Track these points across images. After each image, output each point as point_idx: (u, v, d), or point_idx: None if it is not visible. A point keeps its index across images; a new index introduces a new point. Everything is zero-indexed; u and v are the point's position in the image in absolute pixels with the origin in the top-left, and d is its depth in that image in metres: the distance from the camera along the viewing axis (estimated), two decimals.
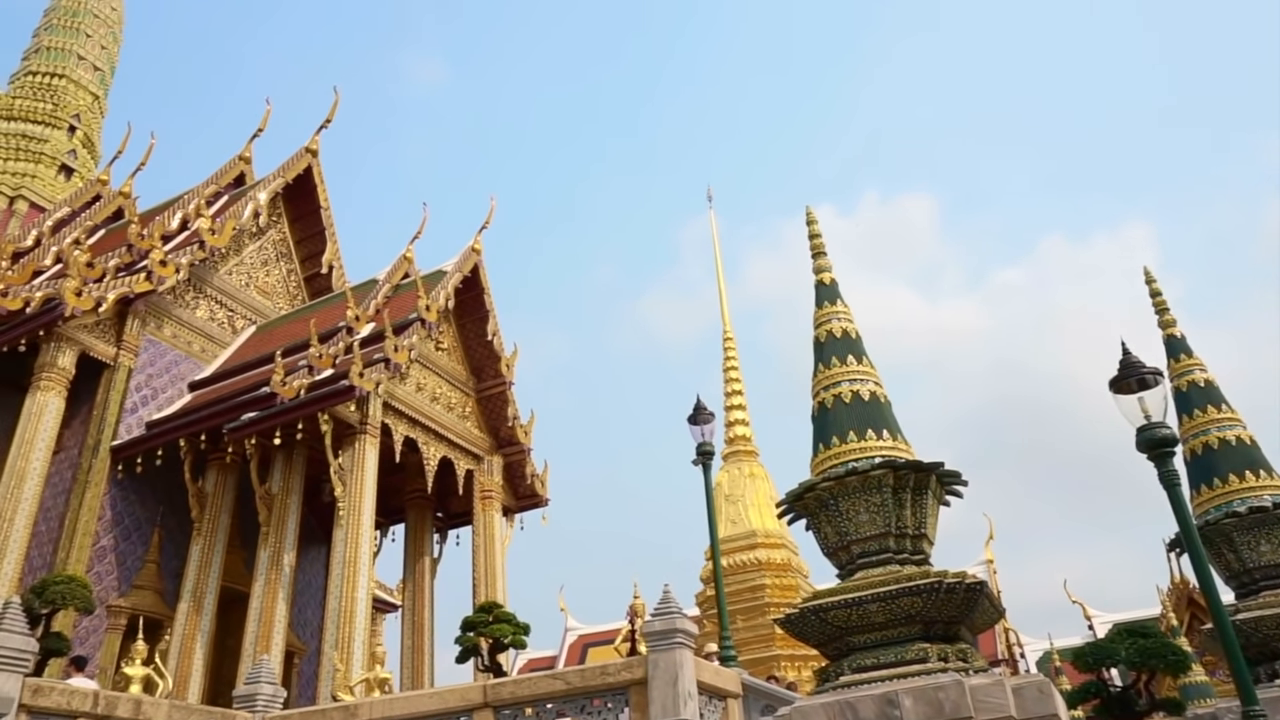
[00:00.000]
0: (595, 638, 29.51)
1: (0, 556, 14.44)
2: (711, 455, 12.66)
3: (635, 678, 9.39)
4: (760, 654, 18.43)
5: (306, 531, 16.91)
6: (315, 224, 22.71)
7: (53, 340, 16.49)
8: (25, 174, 27.30)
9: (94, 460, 16.20)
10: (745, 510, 20.75)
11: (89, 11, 32.81)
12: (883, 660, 8.19)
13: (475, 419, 19.33)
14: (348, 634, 14.07)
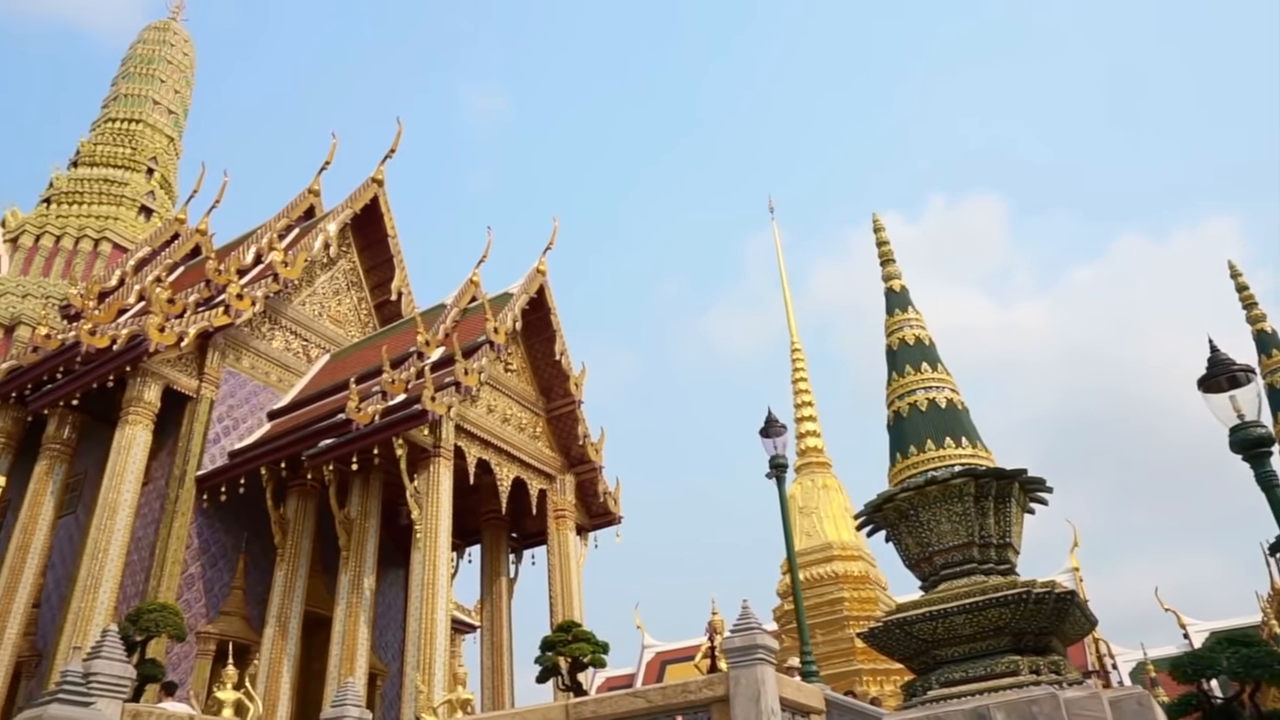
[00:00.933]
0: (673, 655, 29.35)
1: (96, 586, 14.93)
2: (785, 468, 12.55)
3: (717, 695, 9.30)
4: (841, 669, 18.15)
5: (385, 554, 17.16)
6: (383, 252, 23.15)
7: (139, 375, 17.05)
8: (108, 216, 28.37)
9: (180, 490, 16.67)
10: (820, 522, 20.51)
11: (163, 58, 34.06)
12: (972, 674, 7.98)
13: (546, 439, 19.44)
14: (429, 655, 14.20)
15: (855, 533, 20.37)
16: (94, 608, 14.79)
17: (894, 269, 10.92)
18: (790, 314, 24.43)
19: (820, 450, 22.18)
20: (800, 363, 23.64)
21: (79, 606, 14.87)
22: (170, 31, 35.18)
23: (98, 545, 15.37)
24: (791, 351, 23.84)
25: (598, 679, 28.96)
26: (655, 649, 30.53)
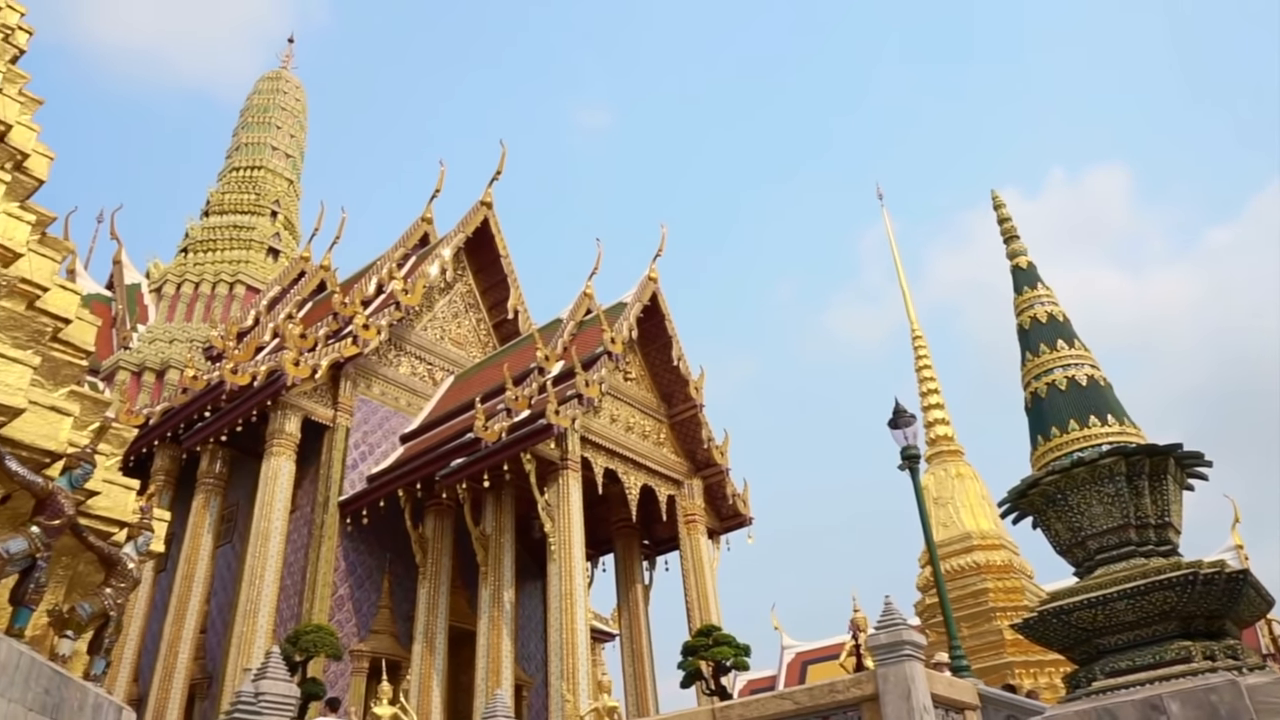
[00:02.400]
0: (813, 655, 28.93)
1: (256, 611, 15.71)
2: (918, 459, 12.24)
3: (865, 694, 9.12)
4: (991, 662, 17.54)
5: (522, 567, 17.51)
6: (497, 272, 23.67)
7: (279, 409, 17.88)
8: (239, 260, 29.89)
9: (325, 516, 17.40)
10: (957, 512, 19.89)
11: (277, 106, 35.70)
12: (1139, 662, 7.59)
13: (670, 444, 19.49)
14: (572, 665, 14.40)
15: (995, 521, 19.71)
16: (255, 631, 15.55)
17: (1018, 245, 10.52)
18: (909, 302, 23.83)
19: (951, 438, 21.54)
20: (923, 351, 23.02)
21: (241, 631, 15.66)
22: (282, 80, 36.86)
23: (254, 572, 16.17)
24: (913, 340, 23.24)
25: (739, 682, 28.83)
26: (795, 649, 30.14)
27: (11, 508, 5.89)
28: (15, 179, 7.61)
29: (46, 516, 5.61)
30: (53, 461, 5.97)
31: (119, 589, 6.41)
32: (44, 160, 8.71)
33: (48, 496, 5.63)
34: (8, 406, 5.38)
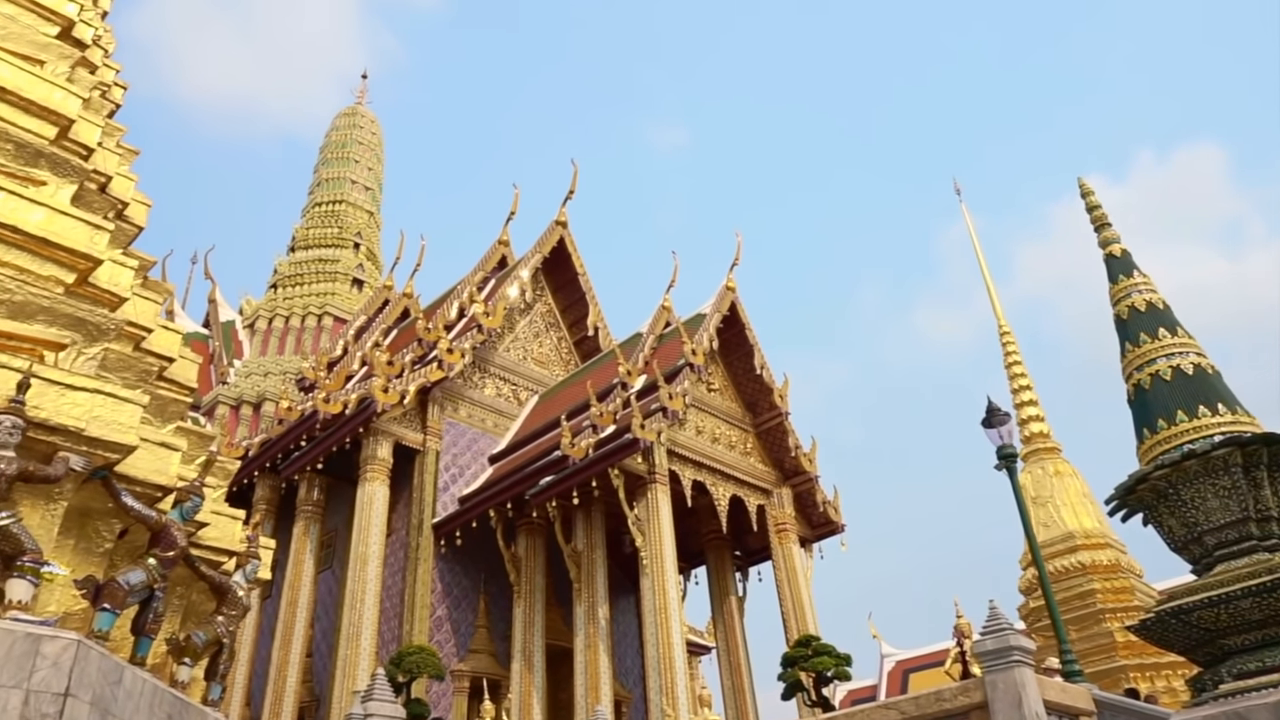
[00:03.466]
0: (914, 663, 28.33)
1: (359, 634, 16.04)
2: (1015, 458, 11.87)
3: (974, 702, 8.86)
4: (1102, 666, 16.91)
5: (615, 583, 17.53)
6: (575, 291, 23.84)
7: (371, 435, 18.28)
8: (326, 293, 30.75)
9: (420, 539, 17.69)
10: (1057, 511, 19.27)
11: (354, 141, 36.69)
12: (1270, 663, 7.23)
13: (757, 454, 19.33)
14: (670, 680, 14.33)
15: (1100, 519, 19.02)
16: (359, 654, 15.87)
17: (1111, 233, 10.19)
18: (994, 299, 23.28)
19: (1047, 435, 20.91)
20: (1012, 346, 22.44)
21: (345, 654, 16.00)
22: (358, 115, 37.88)
23: (355, 596, 16.52)
24: (1001, 336, 22.68)
25: (839, 693, 28.36)
26: (895, 658, 29.57)
27: (129, 541, 6.11)
28: (118, 227, 7.94)
29: (161, 549, 5.80)
30: (164, 496, 6.18)
31: (230, 616, 6.59)
32: (142, 208, 9.08)
33: (162, 529, 5.83)
34: (122, 444, 5.59)
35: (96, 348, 6.34)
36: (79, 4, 9.78)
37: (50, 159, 7.49)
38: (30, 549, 4.86)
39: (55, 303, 6.19)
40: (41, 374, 5.39)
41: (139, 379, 6.83)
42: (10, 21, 8.70)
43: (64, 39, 9.34)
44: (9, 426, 5.00)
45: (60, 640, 4.54)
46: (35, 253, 6.62)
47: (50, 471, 5.15)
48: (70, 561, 5.51)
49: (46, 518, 5.25)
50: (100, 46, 10.30)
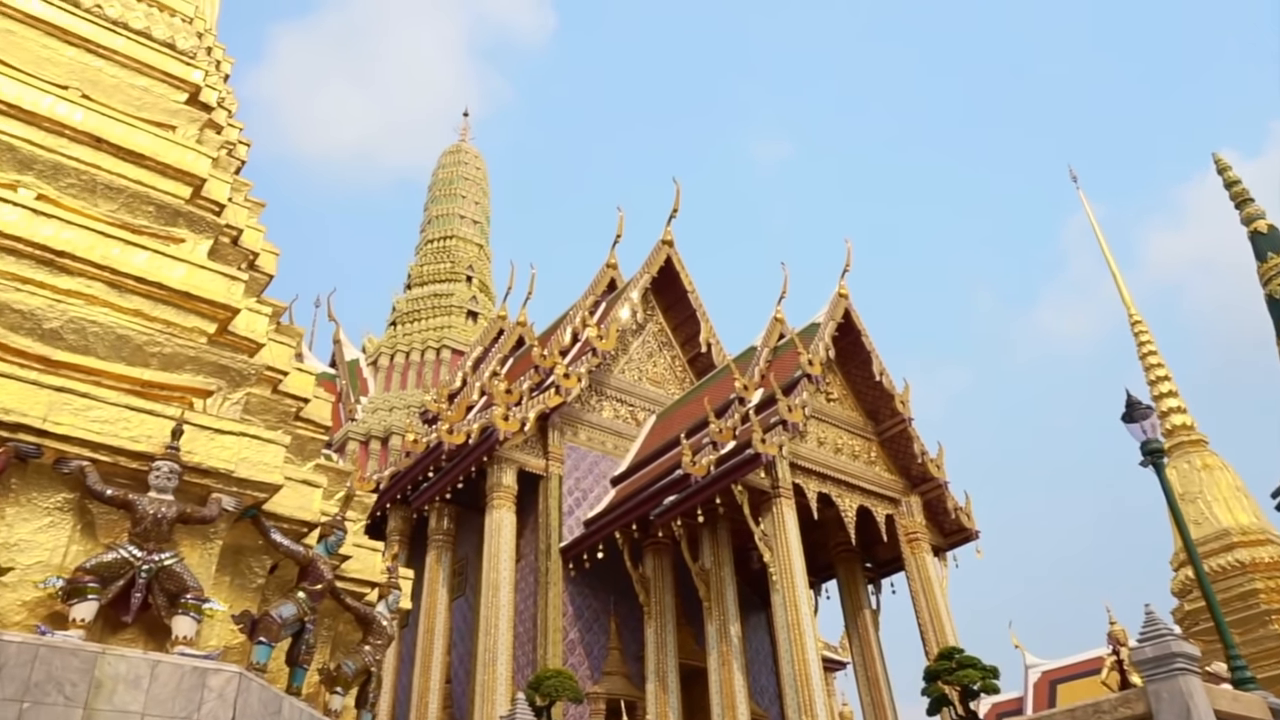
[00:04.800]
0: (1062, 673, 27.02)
1: (495, 659, 16.30)
2: (1162, 453, 11.26)
3: (1135, 713, 8.40)
4: (1273, 672, 15.82)
5: (744, 600, 17.34)
6: (686, 308, 23.86)
7: (495, 463, 18.63)
8: (443, 326, 31.63)
9: (548, 563, 17.90)
10: (1209, 507, 18.18)
11: (460, 177, 37.73)
12: None
13: (882, 462, 18.89)
14: (807, 697, 14.07)
15: (1256, 513, 17.86)
16: (496, 679, 16.12)
17: (1254, 209, 9.60)
18: (1122, 288, 22.22)
19: (1191, 427, 19.77)
20: (1145, 336, 21.35)
21: (483, 679, 16.28)
22: (462, 152, 38.97)
23: (489, 622, 16.80)
24: (1132, 326, 21.62)
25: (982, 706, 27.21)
26: (1040, 668, 28.28)
27: (279, 576, 6.35)
28: (251, 277, 8.31)
29: (310, 582, 6.00)
30: (309, 531, 6.40)
31: (377, 646, 6.77)
32: (271, 257, 9.49)
33: (309, 564, 6.03)
34: (268, 484, 5.81)
35: (240, 393, 6.63)
36: (204, 70, 10.34)
37: (187, 217, 7.91)
38: (192, 587, 5.09)
39: (200, 352, 6.50)
40: (192, 420, 5.66)
41: (279, 420, 7.11)
42: (144, 93, 9.26)
43: (192, 104, 9.89)
44: (167, 472, 5.26)
45: (224, 673, 4.73)
46: (179, 306, 6.99)
47: (206, 512, 5.39)
48: (227, 597, 5.74)
49: (204, 556, 5.49)
50: (224, 108, 10.86)
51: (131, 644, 5.03)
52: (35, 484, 5.16)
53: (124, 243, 6.95)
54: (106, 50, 9.45)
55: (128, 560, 4.99)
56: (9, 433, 5.05)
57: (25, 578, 4.92)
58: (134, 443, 5.41)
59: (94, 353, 6.11)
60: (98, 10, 9.96)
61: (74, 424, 5.26)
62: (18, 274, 6.32)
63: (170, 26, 10.78)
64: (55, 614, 4.86)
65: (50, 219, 6.70)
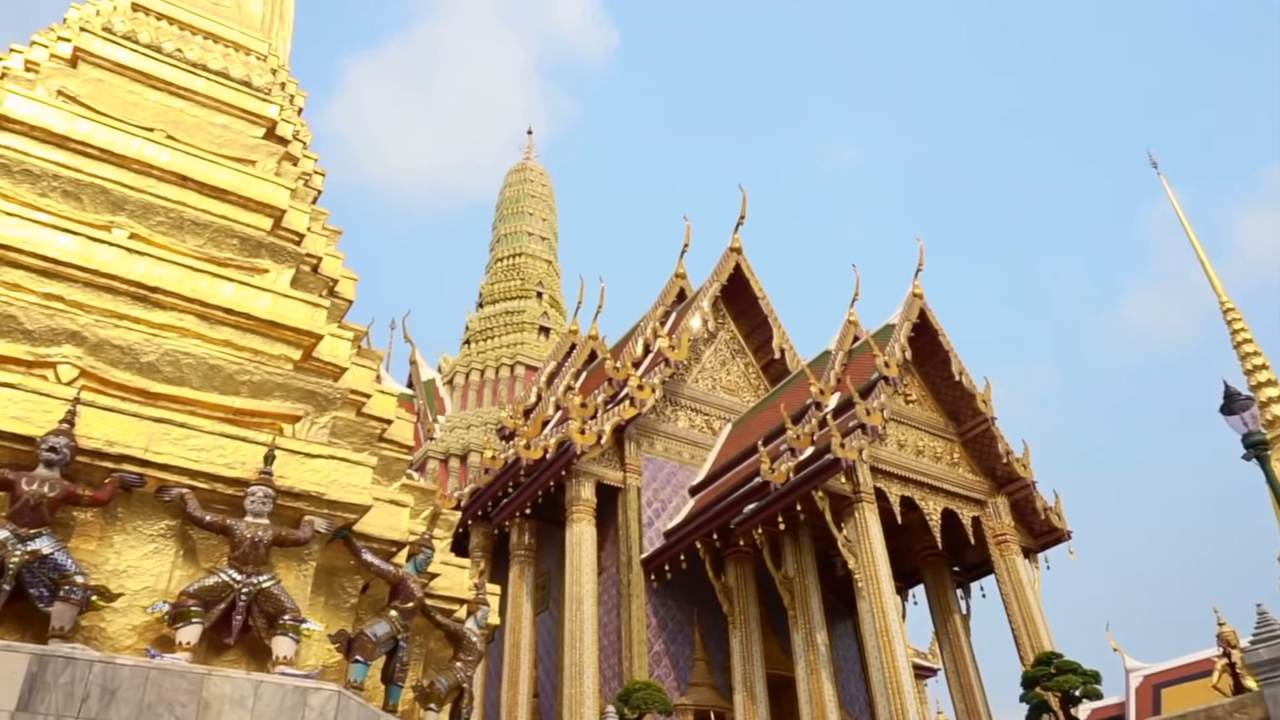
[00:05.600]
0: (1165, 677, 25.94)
1: (581, 672, 16.35)
2: (1265, 445, 10.79)
3: (1253, 719, 8.04)
4: None
5: (829, 607, 17.11)
6: (757, 315, 23.72)
7: (573, 477, 18.73)
8: (516, 343, 31.98)
9: (630, 575, 17.90)
10: None
11: (526, 195, 38.16)
12: None
13: (965, 463, 18.49)
14: (899, 705, 13.80)
15: None
16: (583, 692, 16.17)
17: None
18: (1212, 276, 21.46)
19: None
20: (1239, 325, 20.56)
21: (570, 693, 16.34)
22: (527, 170, 39.43)
23: (574, 636, 16.87)
24: (1225, 315, 20.84)
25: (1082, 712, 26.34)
26: (1142, 672, 27.18)
27: (371, 595, 6.47)
28: (332, 303, 8.52)
29: (401, 600, 6.10)
30: (398, 550, 6.51)
31: (468, 662, 6.84)
32: (350, 283, 9.71)
33: (400, 582, 6.13)
34: (358, 505, 5.93)
35: (326, 417, 6.79)
36: (279, 104, 10.66)
37: (269, 248, 8.15)
38: (290, 608, 5.21)
39: (288, 379, 6.68)
40: (283, 445, 5.81)
41: (365, 442, 7.25)
42: (225, 130, 9.57)
43: (269, 138, 10.20)
44: (261, 496, 5.41)
45: (324, 691, 4.84)
46: (266, 334, 7.19)
47: (299, 535, 5.53)
48: (322, 617, 5.87)
49: (300, 578, 5.63)
50: (299, 140, 11.17)
51: (234, 665, 5.17)
52: (139, 512, 5.35)
53: (212, 276, 7.19)
54: (188, 91, 9.81)
55: (228, 584, 5.14)
56: (114, 464, 5.26)
57: (133, 603, 5.10)
58: (229, 469, 5.58)
59: (188, 383, 6.32)
60: (179, 54, 10.35)
61: (173, 453, 5.44)
62: (115, 310, 6.58)
63: (246, 65, 11.15)
64: (162, 637, 5.03)
65: (143, 256, 6.96)
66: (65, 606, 4.67)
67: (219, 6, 12.23)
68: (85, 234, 6.82)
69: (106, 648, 4.91)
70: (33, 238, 6.50)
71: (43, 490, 4.84)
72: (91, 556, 5.11)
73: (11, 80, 8.89)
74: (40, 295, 6.34)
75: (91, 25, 9.96)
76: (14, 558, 4.64)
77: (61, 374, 5.87)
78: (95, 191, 7.41)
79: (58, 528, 4.93)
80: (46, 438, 4.98)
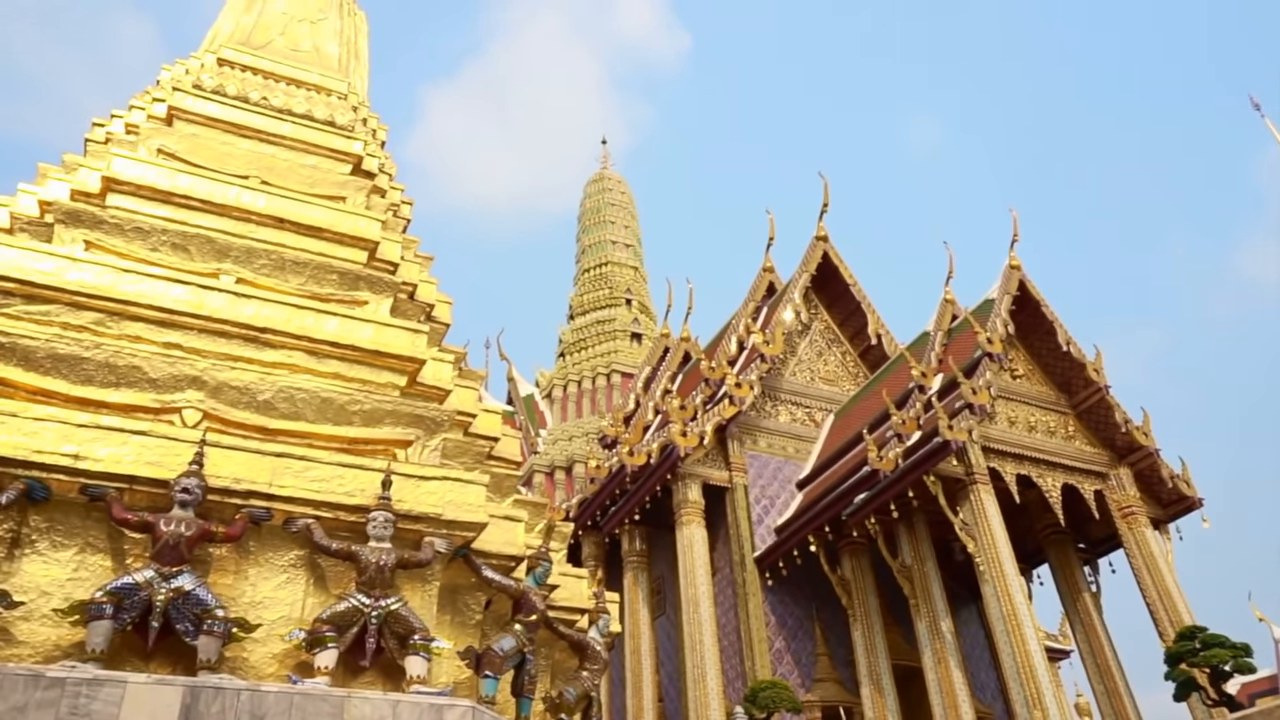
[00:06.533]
0: None
1: (704, 675, 16.31)
2: None
3: None
4: None
5: (951, 594, 16.67)
6: (849, 302, 23.35)
7: (678, 480, 18.72)
8: (609, 351, 32.19)
9: (744, 574, 17.79)
10: None
11: (607, 204, 38.39)
12: None
13: (1082, 436, 17.82)
14: (1034, 690, 13.36)
15: None
16: (707, 695, 16.12)
17: None
18: None
19: None
20: None
21: (695, 696, 16.31)
22: (605, 180, 39.67)
23: (693, 639, 16.85)
24: None
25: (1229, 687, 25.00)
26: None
27: (494, 611, 6.57)
28: (431, 328, 8.69)
29: (524, 614, 6.18)
30: (516, 565, 6.60)
31: (594, 670, 6.88)
32: (446, 306, 9.91)
33: (521, 596, 6.21)
34: (474, 523, 6.03)
35: (436, 439, 6.93)
36: (362, 140, 10.96)
37: (366, 280, 8.37)
38: (419, 628, 5.32)
39: (397, 405, 6.84)
40: (399, 470, 5.95)
41: (475, 461, 7.38)
42: (314, 170, 9.88)
43: (356, 173, 10.49)
44: (382, 521, 5.54)
45: (459, 708, 4.92)
46: (371, 364, 7.39)
47: (421, 556, 5.65)
48: (449, 635, 5.98)
49: (425, 598, 5.74)
50: (385, 172, 11.47)
51: (371, 686, 5.31)
52: (270, 545, 5.55)
53: (316, 312, 7.42)
54: (276, 137, 10.17)
55: (358, 608, 5.28)
56: (241, 500, 5.46)
57: (272, 632, 5.28)
58: (349, 497, 5.74)
59: (303, 417, 6.53)
60: (265, 102, 10.74)
61: (296, 485, 5.62)
62: (229, 353, 6.84)
63: (329, 105, 11.51)
64: (302, 663, 5.19)
65: (250, 299, 7.23)
66: (210, 639, 4.86)
67: (297, 53, 12.65)
68: (196, 283, 7.11)
69: (250, 676, 5.10)
70: (149, 291, 6.81)
71: (180, 530, 5.05)
72: (229, 590, 5.31)
73: (116, 144, 9.36)
74: (160, 345, 6.63)
75: (183, 84, 10.41)
76: (160, 596, 4.86)
77: (186, 418, 6.12)
78: (201, 241, 7.73)
79: (196, 565, 5.14)
80: (179, 479, 5.20)
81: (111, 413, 5.82)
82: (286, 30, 12.86)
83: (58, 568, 5.04)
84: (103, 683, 4.34)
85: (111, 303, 6.64)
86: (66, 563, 5.08)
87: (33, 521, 5.10)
